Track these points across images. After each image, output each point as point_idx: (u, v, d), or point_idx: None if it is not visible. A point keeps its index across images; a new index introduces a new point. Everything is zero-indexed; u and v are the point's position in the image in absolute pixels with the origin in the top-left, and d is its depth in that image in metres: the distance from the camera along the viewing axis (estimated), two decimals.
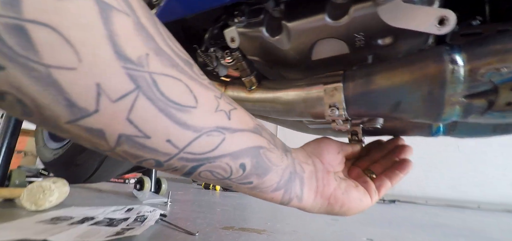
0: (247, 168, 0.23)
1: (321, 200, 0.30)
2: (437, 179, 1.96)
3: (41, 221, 0.64)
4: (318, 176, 0.31)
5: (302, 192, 0.29)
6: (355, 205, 0.31)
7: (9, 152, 0.91)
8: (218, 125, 0.20)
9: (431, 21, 0.24)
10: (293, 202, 0.29)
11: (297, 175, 0.29)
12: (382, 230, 0.87)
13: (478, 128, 0.35)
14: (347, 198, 0.31)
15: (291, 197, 0.28)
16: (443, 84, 0.25)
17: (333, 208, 0.30)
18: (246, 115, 0.24)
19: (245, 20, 0.36)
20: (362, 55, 0.35)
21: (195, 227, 0.72)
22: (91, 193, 1.24)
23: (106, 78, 0.14)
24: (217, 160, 0.21)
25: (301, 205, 0.30)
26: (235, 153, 0.22)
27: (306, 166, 0.30)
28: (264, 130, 0.26)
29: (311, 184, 0.30)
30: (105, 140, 0.16)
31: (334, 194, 0.30)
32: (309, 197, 0.30)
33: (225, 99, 0.22)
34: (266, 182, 0.25)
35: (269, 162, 0.25)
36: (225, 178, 0.23)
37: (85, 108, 0.14)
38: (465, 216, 1.40)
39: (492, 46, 0.24)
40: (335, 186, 0.31)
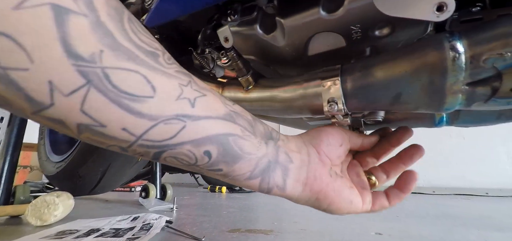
0: (213, 155, 0.23)
1: (309, 194, 0.29)
2: (443, 169, 1.94)
3: (46, 236, 0.64)
4: (310, 167, 0.29)
5: (284, 182, 0.28)
6: (344, 206, 0.30)
7: (12, 168, 0.91)
8: (177, 113, 0.20)
9: (429, 8, 0.24)
10: (274, 191, 0.28)
11: (279, 165, 0.27)
12: (391, 224, 0.86)
13: (482, 116, 0.34)
14: (338, 197, 0.29)
15: (270, 186, 0.27)
16: (444, 73, 0.24)
17: (321, 204, 0.30)
18: (217, 102, 0.24)
19: (238, 18, 0.35)
20: (360, 48, 0.34)
21: (202, 232, 0.71)
22: (97, 204, 1.25)
23: (57, 75, 0.16)
24: (177, 147, 0.21)
25: (285, 195, 0.29)
26: (198, 141, 0.22)
27: (295, 155, 0.29)
28: (241, 117, 0.25)
29: (299, 175, 0.28)
30: (68, 128, 0.18)
31: (324, 190, 0.29)
32: (295, 188, 0.28)
33: (193, 87, 0.22)
34: (237, 170, 0.25)
35: (240, 150, 0.24)
36: (191, 164, 0.23)
37: (42, 102, 0.16)
38: (474, 204, 1.38)
39: (494, 31, 0.23)
40: (327, 182, 0.29)
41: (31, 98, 0.16)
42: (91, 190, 0.96)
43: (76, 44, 0.16)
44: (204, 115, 0.22)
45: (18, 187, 0.91)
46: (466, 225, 0.85)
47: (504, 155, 1.79)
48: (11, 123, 0.95)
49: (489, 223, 0.89)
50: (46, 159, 1.10)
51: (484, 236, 0.72)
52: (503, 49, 0.22)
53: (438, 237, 0.70)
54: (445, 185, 1.89)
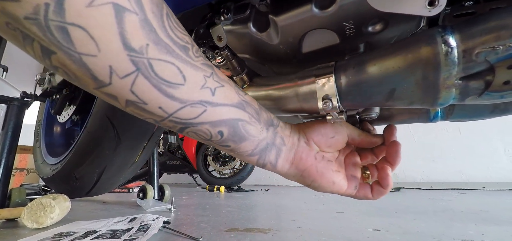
0: (225, 134, 0.29)
1: (295, 171, 0.35)
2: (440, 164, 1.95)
3: (43, 239, 0.63)
4: (297, 149, 0.35)
5: (276, 160, 0.34)
6: (325, 184, 0.34)
7: (7, 171, 0.90)
8: (201, 99, 0.26)
9: (421, 2, 0.23)
10: (267, 166, 0.34)
11: (275, 146, 0.33)
12: (388, 220, 0.86)
13: (477, 110, 0.34)
14: (319, 176, 0.34)
15: (265, 162, 0.33)
16: (437, 68, 0.24)
17: (305, 180, 0.35)
18: (232, 92, 0.29)
19: (231, 17, 0.35)
20: (354, 44, 0.34)
21: (199, 232, 0.71)
22: (95, 206, 1.24)
23: (116, 62, 0.21)
24: (198, 125, 0.27)
25: (276, 170, 0.35)
26: (214, 122, 0.27)
27: (289, 139, 0.35)
28: (250, 106, 0.31)
29: (288, 155, 0.34)
30: (118, 102, 0.24)
31: (308, 169, 0.34)
32: (283, 165, 0.34)
33: (214, 78, 0.27)
34: (242, 148, 0.31)
35: (246, 132, 0.30)
36: (207, 139, 0.29)
37: (103, 81, 0.21)
38: (471, 198, 1.39)
39: (486, 25, 0.23)
40: (311, 163, 0.34)
41: (96, 77, 0.21)
42: (88, 192, 0.95)
43: (130, 39, 0.20)
44: (221, 102, 0.27)
45: (14, 189, 0.91)
46: (463, 220, 0.86)
47: (501, 149, 1.81)
48: (6, 126, 0.94)
49: (487, 217, 0.90)
50: (42, 161, 1.09)
51: (482, 230, 0.72)
52: (495, 42, 0.22)
53: (436, 232, 0.71)
54: (442, 180, 1.90)
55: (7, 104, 0.99)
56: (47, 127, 1.23)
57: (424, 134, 2.00)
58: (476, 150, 1.86)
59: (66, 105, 1.11)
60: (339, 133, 0.36)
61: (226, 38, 0.36)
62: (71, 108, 1.10)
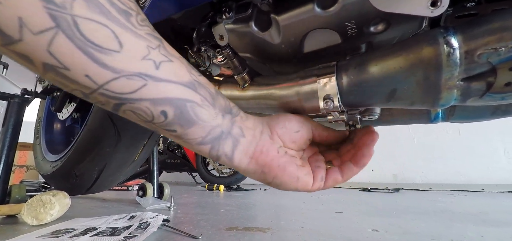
0: (169, 116, 0.25)
1: (255, 166, 0.31)
2: (440, 165, 1.95)
3: (42, 235, 0.63)
4: (259, 143, 0.31)
5: (233, 153, 0.30)
6: (289, 181, 0.31)
7: (8, 168, 0.90)
8: (140, 72, 0.22)
9: (424, 3, 0.23)
10: (222, 159, 0.30)
11: (231, 136, 0.29)
12: (388, 220, 0.86)
13: (477, 111, 0.34)
14: (282, 172, 0.31)
15: (219, 154, 0.30)
16: (439, 68, 0.24)
17: (266, 177, 0.31)
18: (182, 70, 0.25)
19: (233, 16, 0.35)
20: (355, 45, 0.34)
21: (199, 230, 0.71)
22: (94, 203, 1.24)
23: (28, 14, 0.17)
24: (136, 102, 0.23)
25: (232, 164, 0.31)
26: (156, 100, 0.24)
27: (249, 131, 0.31)
28: (204, 88, 0.27)
29: (247, 149, 0.30)
30: (34, 66, 0.20)
31: (269, 164, 0.31)
32: (242, 159, 0.30)
33: (161, 51, 0.24)
34: (190, 133, 0.27)
35: (195, 116, 0.26)
36: (148, 120, 0.25)
37: (10, 36, 0.18)
38: (470, 200, 1.39)
39: (488, 26, 0.23)
40: (273, 157, 0.31)
41: (2, 31, 0.18)
42: (88, 189, 0.95)
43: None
44: (166, 78, 0.24)
45: (14, 186, 0.91)
46: (462, 221, 0.86)
47: (501, 150, 1.81)
48: (6, 123, 0.94)
49: (486, 219, 0.90)
50: (42, 158, 1.09)
51: (481, 231, 0.73)
52: (498, 44, 0.22)
53: (435, 233, 0.71)
54: (442, 181, 1.90)
55: (7, 101, 0.99)
56: (47, 124, 1.23)
57: (423, 134, 2.00)
58: (475, 151, 1.86)
59: (66, 102, 1.11)
60: (304, 127, 0.33)
61: (227, 37, 0.36)
62: (72, 105, 1.10)
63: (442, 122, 0.36)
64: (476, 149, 1.86)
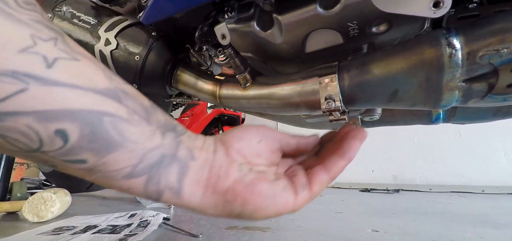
0: (72, 138, 0.16)
1: (214, 197, 0.22)
2: (440, 166, 1.95)
3: (43, 232, 0.63)
4: (214, 165, 0.23)
5: (180, 183, 0.21)
6: (264, 203, 0.22)
7: (9, 164, 0.90)
8: (15, 70, 0.14)
9: (426, 4, 0.23)
10: (165, 196, 0.21)
11: (177, 161, 0.21)
12: (387, 221, 0.86)
13: (479, 113, 0.34)
14: (251, 192, 0.22)
15: (161, 188, 0.21)
16: (440, 69, 0.24)
17: (233, 206, 0.22)
18: (96, 73, 0.18)
19: (235, 15, 0.35)
20: (357, 45, 0.34)
21: (199, 229, 0.71)
22: (95, 201, 1.24)
23: None
24: (8, 118, 0.14)
25: (182, 202, 0.22)
26: (46, 113, 0.15)
27: (200, 152, 0.23)
28: (132, 99, 0.19)
29: (199, 175, 0.22)
30: None
31: (232, 187, 0.22)
32: (195, 191, 0.22)
33: (57, 45, 0.16)
34: (110, 163, 0.18)
35: (120, 135, 0.18)
36: (32, 149, 0.16)
37: None
38: (470, 201, 1.39)
39: (491, 27, 0.23)
40: (235, 178, 0.23)
41: None
42: (88, 187, 0.95)
43: None
44: (66, 82, 0.16)
45: (15, 183, 0.91)
46: (462, 222, 0.86)
47: (502, 152, 1.81)
48: None
49: (485, 220, 0.90)
50: None
51: (480, 233, 0.73)
52: (500, 45, 0.22)
53: (435, 234, 0.71)
54: (442, 182, 1.90)
55: None
56: None
57: (424, 135, 2.00)
58: (476, 153, 1.86)
59: None
60: (267, 136, 0.26)
61: (230, 36, 0.36)
62: None
63: (443, 122, 0.36)
64: (477, 150, 1.85)
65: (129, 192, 0.20)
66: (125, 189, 0.20)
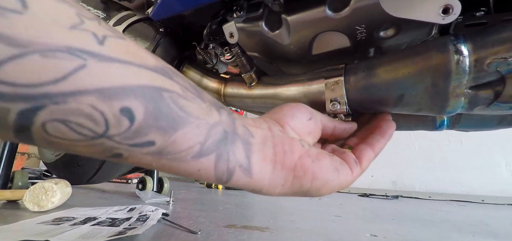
0: (138, 116, 0.15)
1: (283, 173, 0.22)
2: (440, 174, 1.94)
3: (43, 222, 0.64)
4: (275, 141, 0.22)
5: (249, 161, 0.20)
6: (330, 177, 0.23)
7: (11, 153, 0.91)
8: (71, 46, 0.13)
9: (435, 10, 0.24)
10: (236, 175, 0.20)
11: (239, 137, 0.20)
12: (386, 226, 0.86)
13: (483, 121, 0.34)
14: (319, 167, 0.22)
15: (231, 167, 0.19)
16: (447, 76, 0.25)
17: (302, 182, 0.22)
18: (143, 51, 0.17)
19: (243, 14, 0.35)
20: (364, 48, 0.35)
21: (198, 226, 0.71)
22: (94, 194, 1.25)
23: None
24: (70, 99, 0.13)
25: (253, 181, 0.21)
26: (109, 90, 0.14)
27: (255, 129, 0.22)
28: (180, 76, 0.18)
29: (264, 151, 0.21)
30: None
31: (300, 163, 0.22)
32: (263, 168, 0.21)
33: (101, 24, 0.15)
34: (180, 141, 0.17)
35: (182, 111, 0.17)
36: (98, 134, 0.14)
37: None
38: (469, 210, 1.39)
39: (499, 35, 0.23)
40: (301, 153, 0.23)
41: None
42: (89, 179, 0.96)
43: None
44: (120, 58, 0.14)
45: (17, 172, 0.91)
46: (461, 231, 0.86)
47: (503, 162, 1.80)
48: None
49: (485, 230, 0.90)
50: None
51: None
52: (508, 53, 0.22)
53: None
54: (441, 190, 1.90)
55: None
56: None
57: (425, 142, 1.99)
58: (477, 162, 1.85)
59: None
60: (314, 114, 0.27)
61: (237, 35, 0.37)
62: None
63: (447, 129, 0.36)
64: (478, 160, 1.85)
65: (199, 177, 0.19)
66: (195, 172, 0.19)
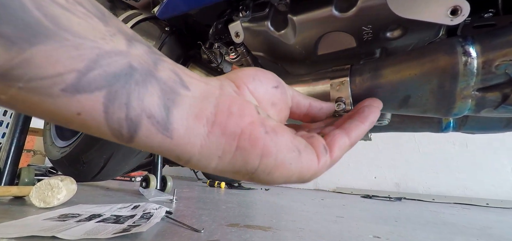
0: None
1: (223, 139, 0.16)
2: (444, 177, 1.93)
3: (49, 218, 0.64)
4: (222, 101, 0.17)
5: (168, 112, 0.15)
6: (289, 157, 0.18)
7: (18, 150, 0.92)
8: None
9: (443, 11, 0.24)
10: (144, 129, 0.14)
11: (156, 81, 0.15)
12: (389, 228, 0.86)
13: (490, 123, 0.34)
14: (274, 142, 0.17)
15: (135, 115, 0.14)
16: (455, 77, 0.24)
17: (248, 156, 0.17)
18: None
19: (249, 14, 0.35)
20: (370, 49, 0.34)
21: (201, 224, 0.72)
22: (98, 191, 1.26)
23: None
24: None
25: (173, 143, 0.16)
26: None
27: (196, 83, 0.17)
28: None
29: (200, 108, 0.16)
30: None
31: (250, 130, 0.17)
32: (193, 127, 0.16)
33: None
34: (39, 60, 0.11)
35: (50, 21, 0.12)
36: None
37: None
38: (473, 214, 1.38)
39: (507, 37, 0.23)
40: (253, 119, 0.17)
41: None
42: (94, 177, 0.97)
43: None
44: None
45: (23, 169, 0.93)
46: (465, 234, 0.85)
47: (508, 166, 1.78)
48: None
49: (490, 234, 0.89)
50: (51, 143, 1.11)
51: None
52: None
53: None
54: (445, 193, 1.88)
55: None
56: None
57: (429, 144, 1.98)
58: (482, 165, 1.83)
59: None
60: (284, 85, 0.23)
61: (243, 35, 0.37)
62: None
63: (453, 131, 0.36)
64: (483, 163, 1.83)
65: (81, 126, 0.14)
66: (72, 117, 0.13)
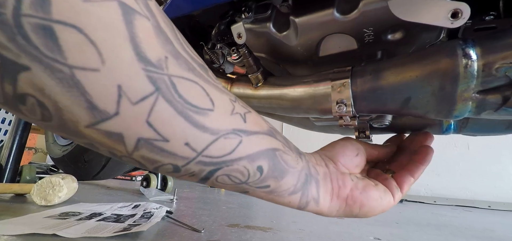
0: (264, 170, 0.23)
1: (338, 202, 0.29)
2: (446, 179, 1.92)
3: (50, 216, 0.65)
4: (332, 177, 0.30)
5: (318, 194, 0.28)
6: (375, 204, 0.29)
7: (20, 148, 0.93)
8: (234, 127, 0.20)
9: (444, 14, 0.24)
10: (310, 205, 0.28)
11: (313, 177, 0.28)
12: (390, 230, 0.86)
13: (491, 125, 0.34)
14: (366, 197, 0.29)
15: (308, 200, 0.27)
16: (455, 79, 0.24)
17: (352, 209, 0.29)
18: (260, 118, 0.24)
19: (252, 16, 0.35)
20: (371, 51, 0.35)
21: (201, 224, 0.72)
22: (99, 190, 1.26)
23: (128, 80, 0.14)
24: (234, 163, 0.21)
25: (319, 209, 0.29)
26: (252, 156, 0.21)
27: (319, 168, 0.29)
28: (278, 132, 0.26)
29: (326, 186, 0.29)
30: (123, 144, 0.16)
31: (351, 194, 0.29)
32: (325, 199, 0.28)
33: (239, 103, 0.22)
34: (283, 185, 0.25)
35: (286, 164, 0.24)
36: (242, 182, 0.22)
37: (105, 110, 0.14)
38: (475, 216, 1.37)
39: (508, 40, 0.23)
40: (351, 186, 0.29)
41: (94, 106, 0.14)
42: (95, 175, 0.97)
43: (144, 48, 0.14)
44: (255, 130, 0.22)
45: (25, 166, 0.93)
46: (467, 236, 0.85)
47: (510, 168, 1.77)
48: None
49: (491, 236, 0.89)
50: (53, 141, 1.12)
51: None
52: None
53: None
54: (447, 195, 1.88)
55: None
56: None
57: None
58: (483, 167, 1.83)
59: None
60: (360, 149, 0.33)
61: (245, 36, 0.37)
62: None
63: (454, 133, 0.36)
64: (484, 166, 1.82)
65: (288, 205, 0.27)
66: (286, 202, 0.27)
